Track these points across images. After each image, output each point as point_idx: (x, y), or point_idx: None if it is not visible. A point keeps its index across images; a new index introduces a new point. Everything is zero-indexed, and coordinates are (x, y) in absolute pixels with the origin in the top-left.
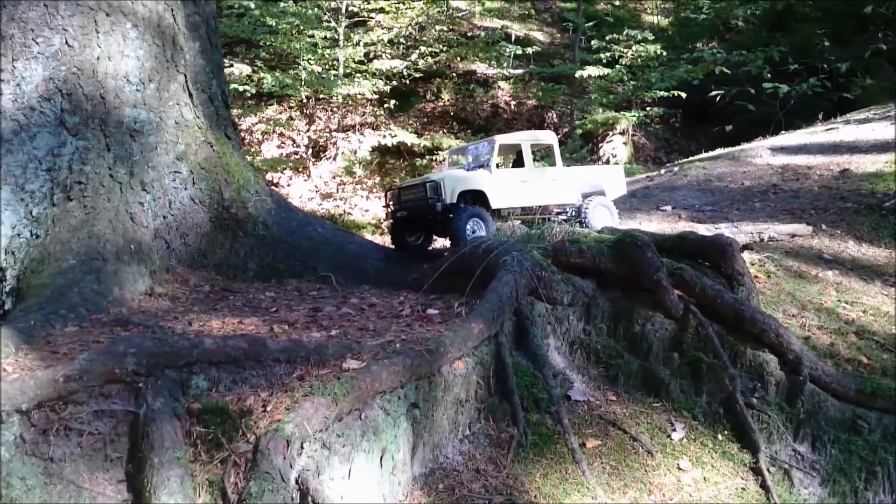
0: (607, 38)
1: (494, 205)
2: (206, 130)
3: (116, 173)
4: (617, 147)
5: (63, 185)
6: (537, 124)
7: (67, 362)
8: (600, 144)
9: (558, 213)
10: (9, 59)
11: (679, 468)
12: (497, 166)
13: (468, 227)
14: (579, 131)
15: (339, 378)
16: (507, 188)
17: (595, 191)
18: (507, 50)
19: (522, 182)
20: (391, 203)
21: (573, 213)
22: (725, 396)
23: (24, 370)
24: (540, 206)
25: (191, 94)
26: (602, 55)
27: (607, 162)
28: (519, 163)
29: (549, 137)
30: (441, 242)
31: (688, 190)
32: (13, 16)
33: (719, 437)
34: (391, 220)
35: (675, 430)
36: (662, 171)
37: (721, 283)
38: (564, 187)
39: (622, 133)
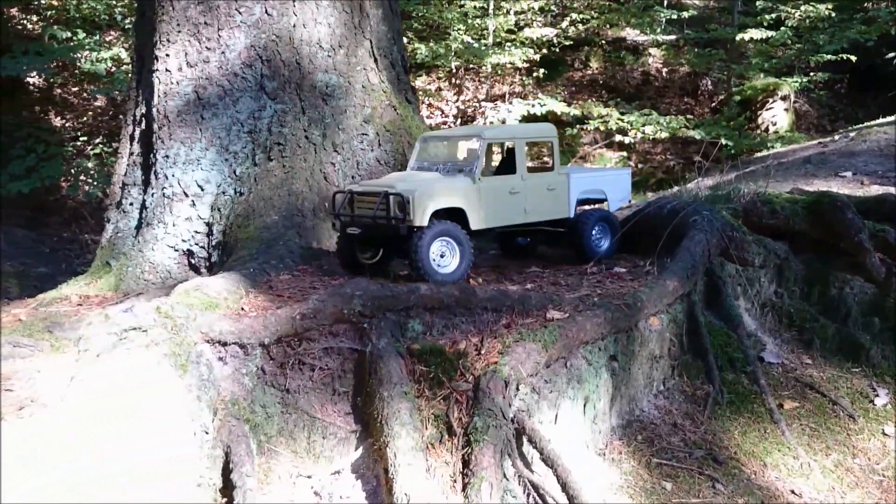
0: None
1: (475, 226)
2: (391, 94)
3: (311, 135)
4: (777, 114)
5: (263, 146)
6: (690, 92)
7: (302, 302)
8: (759, 112)
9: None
10: (214, 28)
11: (884, 433)
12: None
13: (433, 251)
14: (737, 98)
15: (547, 327)
16: (492, 203)
17: (594, 197)
18: (662, 15)
19: (512, 194)
20: (339, 211)
21: (563, 231)
22: None
23: (259, 309)
24: (529, 223)
25: (376, 60)
26: (766, 17)
27: (766, 130)
28: (509, 165)
29: (550, 132)
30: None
31: (868, 155)
32: None
33: None
34: (338, 233)
35: (877, 395)
36: (836, 137)
37: None
38: (558, 198)
39: (783, 99)
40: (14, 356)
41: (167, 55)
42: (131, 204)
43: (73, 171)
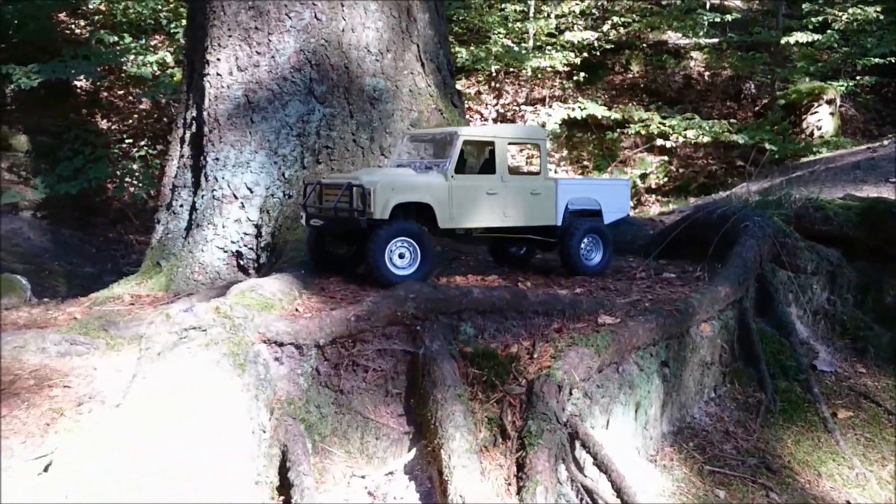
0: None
1: (443, 224)
2: (437, 98)
3: (359, 138)
4: (823, 118)
5: (312, 149)
6: (733, 95)
7: (356, 304)
8: (803, 116)
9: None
10: (265, 32)
11: None
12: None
13: (391, 250)
14: (781, 102)
15: (599, 331)
16: (465, 202)
17: (587, 208)
18: (705, 18)
19: (490, 195)
20: (306, 202)
21: (552, 241)
22: None
23: (312, 311)
24: (510, 228)
25: (423, 63)
26: (811, 20)
27: (811, 135)
28: (490, 166)
29: (536, 133)
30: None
31: None
32: None
33: None
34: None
35: None
36: (885, 142)
37: None
38: (544, 204)
39: (829, 103)
40: (71, 353)
41: (218, 59)
42: (181, 206)
43: (118, 172)
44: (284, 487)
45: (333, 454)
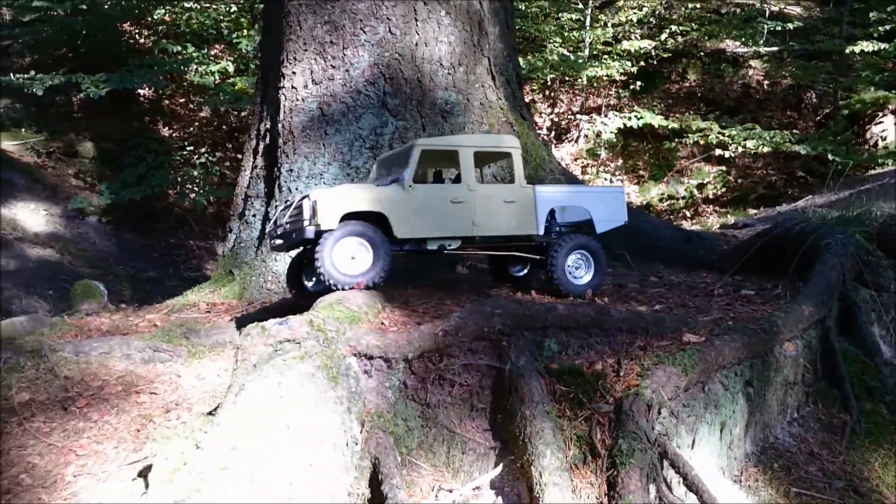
0: (889, 7)
1: (399, 233)
2: (507, 111)
3: None
4: (888, 129)
5: None
6: (793, 105)
7: (443, 319)
8: (867, 126)
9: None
10: (339, 47)
11: None
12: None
13: (342, 252)
14: (844, 112)
15: (685, 350)
16: (423, 211)
17: (575, 220)
18: (766, 26)
19: (455, 203)
20: (271, 228)
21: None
22: None
23: (397, 325)
24: (483, 238)
25: (493, 77)
26: (879, 28)
27: (875, 145)
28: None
29: (506, 143)
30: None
31: None
32: (344, 7)
33: None
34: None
35: None
36: None
37: None
38: (520, 212)
39: (894, 113)
40: (154, 360)
41: (293, 73)
42: (254, 215)
43: (179, 179)
44: (375, 499)
45: (420, 467)
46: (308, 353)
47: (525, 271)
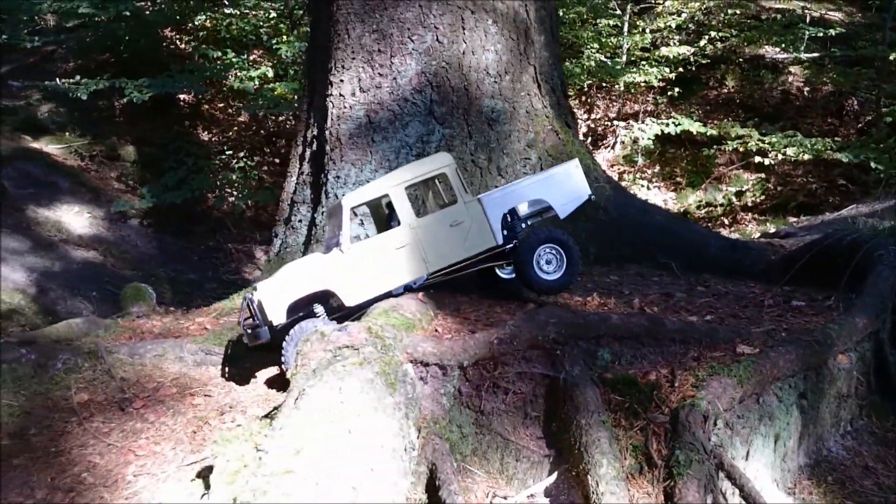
0: None
1: (351, 302)
2: (553, 119)
3: (477, 159)
4: None
5: None
6: (834, 112)
7: (498, 327)
8: None
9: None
10: (387, 55)
11: None
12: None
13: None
14: (888, 119)
15: (740, 361)
16: (369, 271)
17: (535, 210)
18: (807, 32)
19: (398, 249)
20: (241, 319)
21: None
22: None
23: (450, 332)
24: (450, 267)
25: (539, 85)
26: None
27: None
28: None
29: (437, 163)
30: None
31: None
32: (392, 16)
33: None
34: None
35: None
36: None
37: None
38: (472, 230)
39: None
40: (206, 363)
41: (341, 80)
42: (300, 221)
43: (218, 182)
44: None
45: (475, 474)
46: (367, 359)
47: (514, 273)
